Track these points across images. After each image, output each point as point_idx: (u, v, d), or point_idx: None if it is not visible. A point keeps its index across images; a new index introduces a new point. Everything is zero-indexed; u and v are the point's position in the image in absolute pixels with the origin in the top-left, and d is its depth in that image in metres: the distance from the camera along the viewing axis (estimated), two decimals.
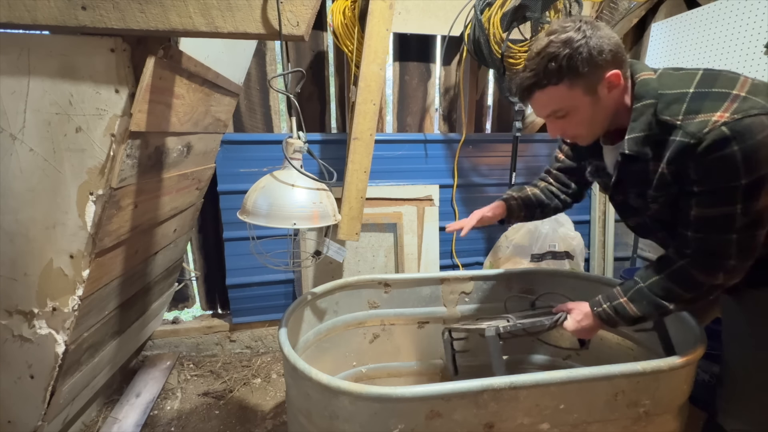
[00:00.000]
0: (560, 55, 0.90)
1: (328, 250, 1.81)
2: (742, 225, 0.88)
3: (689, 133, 0.87)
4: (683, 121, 0.89)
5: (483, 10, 1.91)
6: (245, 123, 2.23)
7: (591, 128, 1.01)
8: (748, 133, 0.82)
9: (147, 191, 1.34)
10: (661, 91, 0.94)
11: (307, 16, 1.08)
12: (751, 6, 1.64)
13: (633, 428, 1.08)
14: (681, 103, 0.90)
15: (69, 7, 0.98)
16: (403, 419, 0.94)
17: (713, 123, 0.84)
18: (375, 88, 1.75)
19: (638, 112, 0.95)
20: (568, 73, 0.91)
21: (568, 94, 0.94)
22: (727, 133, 0.83)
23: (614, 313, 1.06)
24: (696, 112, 0.88)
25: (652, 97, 0.94)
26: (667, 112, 0.91)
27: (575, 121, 0.99)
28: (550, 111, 0.99)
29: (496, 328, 1.11)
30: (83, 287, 1.20)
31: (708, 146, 0.85)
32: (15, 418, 1.33)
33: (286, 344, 1.09)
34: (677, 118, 0.90)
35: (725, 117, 0.84)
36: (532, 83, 0.95)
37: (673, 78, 0.95)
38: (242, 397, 1.95)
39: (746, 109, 0.84)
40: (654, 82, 0.95)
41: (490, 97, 2.57)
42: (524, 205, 1.39)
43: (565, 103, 0.96)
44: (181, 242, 1.98)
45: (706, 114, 0.86)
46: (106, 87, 1.06)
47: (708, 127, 0.85)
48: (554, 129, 1.04)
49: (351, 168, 1.79)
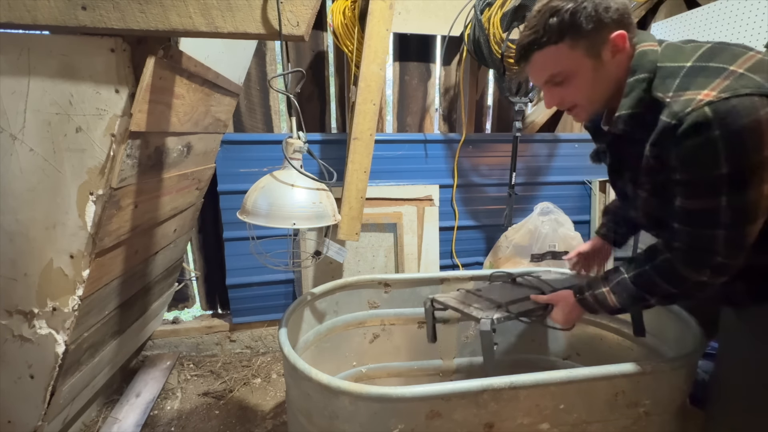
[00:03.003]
0: (563, 9, 0.82)
1: (328, 250, 1.81)
2: (728, 220, 0.80)
3: (672, 112, 0.78)
4: (672, 98, 0.80)
5: (483, 10, 1.91)
6: (245, 123, 2.23)
7: (591, 98, 0.92)
8: (733, 116, 0.73)
9: (147, 191, 1.34)
10: (660, 63, 0.85)
11: (307, 16, 1.08)
12: (751, 6, 1.64)
13: (633, 428, 1.08)
14: (675, 78, 0.82)
15: (69, 7, 0.98)
16: (403, 419, 0.94)
17: (697, 102, 0.75)
18: (375, 88, 1.75)
19: (630, 87, 0.86)
20: (570, 30, 0.83)
21: (568, 56, 0.86)
22: (708, 114, 0.74)
23: (595, 302, 1.02)
24: (685, 88, 0.79)
25: (647, 70, 0.85)
26: (660, 88, 0.83)
27: (574, 88, 0.90)
28: (549, 75, 0.90)
29: (491, 321, 1.08)
30: (83, 287, 1.20)
31: (686, 129, 0.76)
32: (15, 418, 1.33)
33: (286, 344, 1.09)
34: (668, 95, 0.81)
35: (711, 95, 0.74)
36: (531, 41, 0.87)
37: (677, 50, 0.86)
38: (242, 397, 1.95)
39: (737, 87, 0.74)
40: (653, 54, 0.86)
41: (490, 97, 2.57)
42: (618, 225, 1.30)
43: (565, 66, 0.87)
44: (181, 242, 1.98)
45: (694, 91, 0.77)
46: (106, 87, 1.06)
47: (691, 107, 0.76)
48: (551, 97, 0.94)
49: (351, 168, 1.79)
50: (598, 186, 2.51)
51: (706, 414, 1.12)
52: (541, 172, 2.48)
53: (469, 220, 2.42)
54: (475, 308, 1.18)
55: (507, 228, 2.27)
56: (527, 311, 1.15)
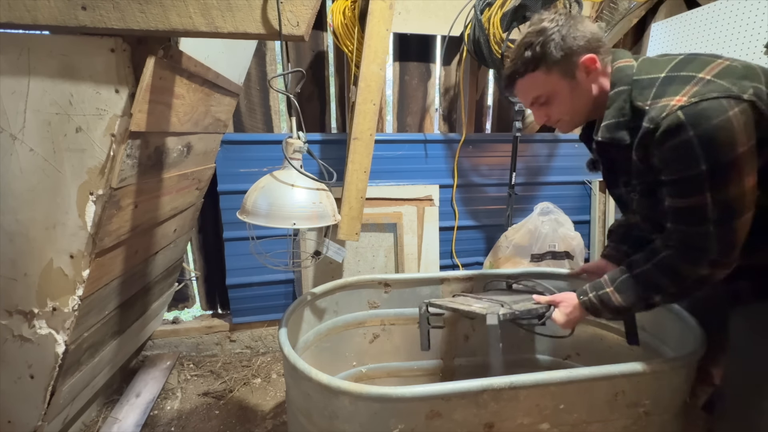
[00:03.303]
0: (534, 43, 0.95)
1: (327, 251, 1.81)
2: (716, 216, 0.84)
3: (650, 118, 0.86)
4: (650, 105, 0.88)
5: (483, 10, 1.91)
6: (245, 123, 2.22)
7: (572, 113, 1.03)
8: (703, 118, 0.80)
9: (147, 191, 1.34)
10: (636, 77, 0.94)
11: (307, 16, 1.08)
12: (751, 6, 1.64)
13: (633, 428, 1.08)
14: (651, 87, 0.90)
15: (69, 7, 0.98)
16: (403, 419, 0.94)
17: (671, 108, 0.83)
18: (375, 88, 1.75)
19: (611, 99, 0.96)
20: (543, 60, 0.95)
21: (546, 80, 0.98)
22: (681, 118, 0.81)
23: (599, 303, 1.03)
24: (660, 96, 0.87)
25: (626, 83, 0.94)
26: (639, 98, 0.91)
27: (556, 106, 1.02)
28: (533, 98, 1.04)
29: (498, 316, 1.07)
30: (83, 287, 1.20)
31: (663, 132, 0.84)
32: (15, 418, 1.33)
33: (286, 344, 1.09)
34: (646, 103, 0.89)
35: (682, 101, 0.82)
36: (512, 71, 1.01)
37: (651, 64, 0.95)
38: (242, 397, 1.95)
39: (705, 92, 0.81)
40: (629, 69, 0.96)
41: (490, 97, 2.57)
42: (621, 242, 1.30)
43: (545, 89, 1.00)
44: (181, 242, 1.98)
45: (668, 98, 0.85)
46: (106, 87, 1.06)
47: (665, 112, 0.84)
48: (539, 116, 1.07)
49: (351, 168, 1.79)
50: (598, 186, 2.51)
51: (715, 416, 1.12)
52: (541, 172, 2.48)
53: (469, 220, 2.42)
54: (477, 307, 1.18)
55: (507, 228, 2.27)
56: (530, 310, 1.14)
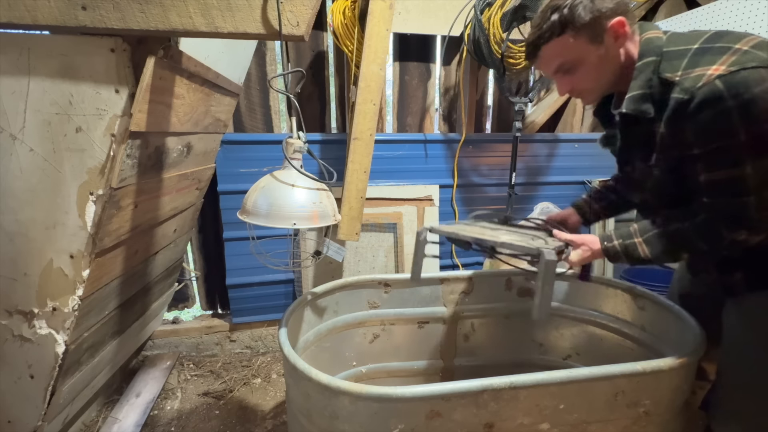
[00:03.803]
0: (561, 6, 0.92)
1: (327, 250, 1.81)
2: (756, 184, 0.83)
3: (684, 88, 0.84)
4: (681, 77, 0.85)
5: (483, 10, 1.91)
6: (245, 123, 2.23)
7: (598, 81, 0.99)
8: (743, 86, 0.78)
9: (147, 191, 1.34)
10: (666, 48, 0.91)
11: (307, 16, 1.08)
12: (751, 6, 1.64)
13: (633, 428, 1.08)
14: (682, 58, 0.87)
15: (69, 7, 0.98)
16: (403, 419, 0.94)
17: (708, 77, 0.81)
18: (375, 88, 1.75)
19: (639, 70, 0.93)
20: (571, 23, 0.91)
21: (573, 45, 0.94)
22: (720, 87, 0.79)
23: (623, 251, 1.03)
24: (694, 66, 0.84)
25: (655, 54, 0.91)
26: (668, 69, 0.89)
27: (582, 74, 0.98)
28: (557, 65, 0.98)
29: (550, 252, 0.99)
30: (83, 287, 1.20)
31: (700, 102, 0.81)
32: (15, 418, 1.33)
33: (286, 344, 1.09)
34: (676, 74, 0.87)
35: (720, 70, 0.80)
36: (537, 37, 0.96)
37: (681, 37, 0.93)
38: (242, 397, 1.95)
39: (744, 61, 0.79)
40: (659, 40, 0.93)
41: (490, 97, 2.58)
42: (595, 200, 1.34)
43: (571, 55, 0.95)
44: (181, 242, 1.98)
45: (703, 68, 0.82)
46: (106, 87, 1.06)
47: (702, 81, 0.81)
48: (563, 85, 1.03)
49: (351, 168, 1.79)
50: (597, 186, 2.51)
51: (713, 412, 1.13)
52: (541, 172, 2.48)
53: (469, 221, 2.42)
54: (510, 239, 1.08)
55: None
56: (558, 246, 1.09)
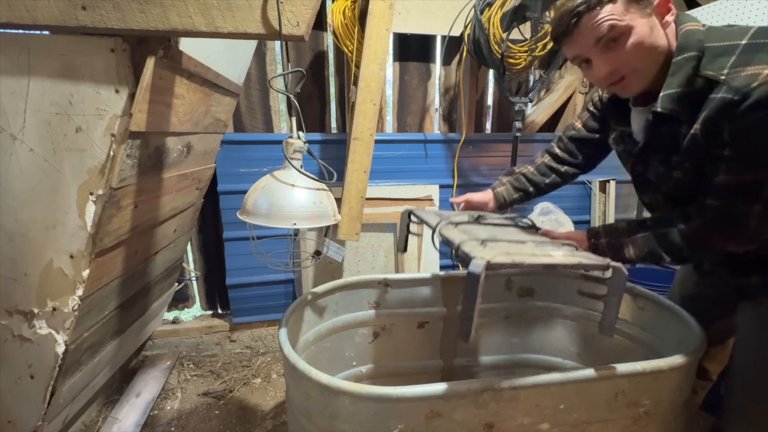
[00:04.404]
0: None
1: (327, 250, 1.81)
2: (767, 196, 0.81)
3: (734, 87, 0.77)
4: (728, 75, 0.79)
5: (483, 10, 1.91)
6: (245, 123, 2.23)
7: (648, 60, 0.87)
8: None
9: (147, 191, 1.34)
10: (708, 44, 0.84)
11: (307, 16, 1.08)
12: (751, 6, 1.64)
13: (633, 428, 1.07)
14: (729, 56, 0.80)
15: (69, 7, 0.98)
16: (403, 419, 0.94)
17: (764, 77, 0.74)
18: (375, 88, 1.75)
19: (677, 66, 0.85)
20: None
21: (624, 13, 0.82)
22: None
23: (609, 248, 1.03)
24: (745, 64, 0.78)
25: (696, 49, 0.83)
26: (711, 67, 0.81)
27: (631, 49, 0.85)
28: (603, 32, 0.84)
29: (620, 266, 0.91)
30: (83, 287, 1.20)
31: (753, 103, 0.75)
32: (15, 418, 1.33)
33: (286, 344, 1.09)
34: (722, 72, 0.80)
35: None
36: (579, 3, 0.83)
37: (722, 32, 0.85)
38: (242, 397, 1.95)
39: None
40: (700, 34, 0.85)
41: (490, 97, 2.58)
42: (514, 188, 1.36)
43: (623, 20, 0.83)
44: (181, 242, 1.98)
45: (758, 66, 0.76)
46: (106, 87, 1.06)
47: (757, 81, 0.75)
48: (603, 63, 0.88)
49: (351, 168, 1.79)
50: (598, 186, 2.51)
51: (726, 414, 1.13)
52: None
53: None
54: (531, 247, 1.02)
55: None
56: None
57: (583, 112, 1.33)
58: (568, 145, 1.34)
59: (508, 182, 1.38)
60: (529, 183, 1.35)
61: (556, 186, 1.36)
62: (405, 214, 1.32)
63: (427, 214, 1.25)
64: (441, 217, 1.18)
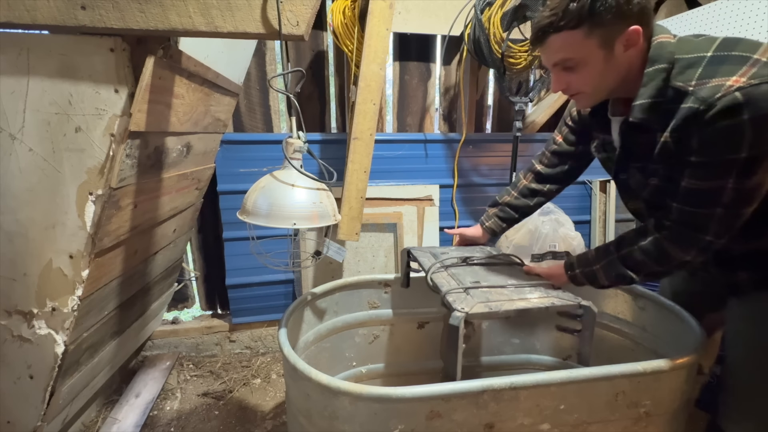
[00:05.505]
0: None
1: (328, 250, 1.81)
2: (729, 200, 0.84)
3: (700, 98, 0.80)
4: (696, 86, 0.82)
5: (483, 10, 1.91)
6: (245, 123, 2.22)
7: (597, 87, 0.94)
8: (763, 101, 0.75)
9: (147, 191, 1.34)
10: (678, 55, 0.87)
11: (307, 16, 1.08)
12: (752, 6, 1.64)
13: (633, 428, 1.07)
14: (696, 67, 0.84)
15: (69, 6, 0.98)
16: (403, 419, 0.94)
17: (727, 88, 0.78)
18: (375, 88, 1.75)
19: (649, 77, 0.89)
20: (589, 18, 0.84)
21: (582, 43, 0.87)
22: (739, 99, 0.76)
23: (585, 279, 1.09)
24: (710, 76, 0.81)
25: (666, 61, 0.87)
26: (680, 78, 0.85)
27: (582, 76, 0.92)
28: (560, 59, 0.92)
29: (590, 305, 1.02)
30: (83, 287, 1.20)
31: (717, 113, 0.78)
32: (14, 418, 1.33)
33: (286, 344, 1.09)
34: (690, 83, 0.83)
35: (741, 81, 0.77)
36: (549, 23, 0.88)
37: (691, 43, 0.88)
38: (242, 397, 1.95)
39: (765, 74, 0.76)
40: (671, 46, 0.88)
41: (490, 97, 2.57)
42: (500, 219, 1.43)
43: (578, 53, 0.89)
44: (181, 242, 1.98)
45: (721, 78, 0.79)
46: (106, 87, 1.06)
47: (721, 92, 0.78)
48: (559, 81, 0.97)
49: (351, 168, 1.79)
50: (598, 186, 2.51)
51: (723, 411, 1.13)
52: None
53: (470, 220, 2.42)
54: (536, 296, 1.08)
55: None
56: None
57: (562, 127, 1.35)
58: (551, 159, 1.37)
59: (494, 215, 1.44)
60: (513, 210, 1.41)
61: (541, 205, 1.43)
62: (404, 253, 1.40)
63: (423, 254, 1.36)
64: (435, 257, 1.31)
